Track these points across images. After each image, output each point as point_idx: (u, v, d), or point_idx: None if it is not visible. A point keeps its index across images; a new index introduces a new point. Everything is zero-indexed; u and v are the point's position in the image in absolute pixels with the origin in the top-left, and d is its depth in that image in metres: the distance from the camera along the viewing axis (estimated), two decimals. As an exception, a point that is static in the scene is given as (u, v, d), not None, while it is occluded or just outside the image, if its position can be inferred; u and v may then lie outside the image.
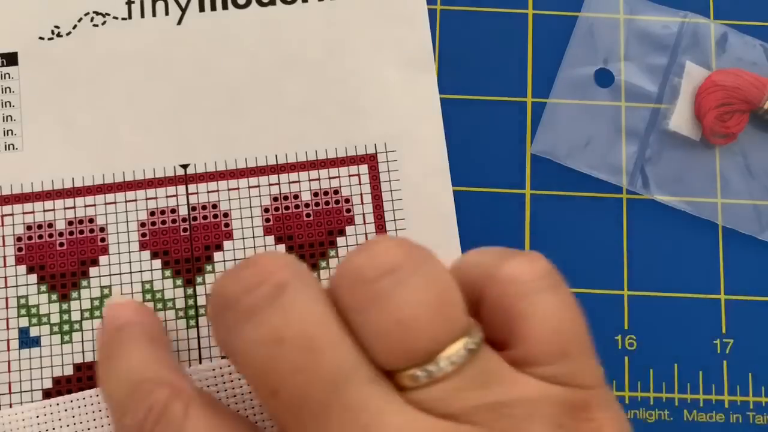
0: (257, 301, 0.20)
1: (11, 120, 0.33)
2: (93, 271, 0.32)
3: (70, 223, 0.32)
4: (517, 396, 0.20)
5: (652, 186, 0.33)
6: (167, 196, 0.33)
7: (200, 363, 0.31)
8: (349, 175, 0.33)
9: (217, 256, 0.32)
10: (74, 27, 0.34)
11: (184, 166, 0.33)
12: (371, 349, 0.20)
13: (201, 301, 0.32)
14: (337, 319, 0.20)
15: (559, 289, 0.23)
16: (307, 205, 0.33)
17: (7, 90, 0.33)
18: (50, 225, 0.32)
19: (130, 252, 0.32)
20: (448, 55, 0.34)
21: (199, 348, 0.31)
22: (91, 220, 0.32)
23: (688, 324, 0.32)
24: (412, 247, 0.21)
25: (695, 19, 0.35)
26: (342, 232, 0.32)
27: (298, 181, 0.33)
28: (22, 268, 0.32)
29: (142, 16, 0.34)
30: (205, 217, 0.32)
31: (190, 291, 0.32)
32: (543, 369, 0.21)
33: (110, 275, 0.32)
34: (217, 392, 0.30)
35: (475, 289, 0.22)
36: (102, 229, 0.32)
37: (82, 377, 0.31)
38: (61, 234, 0.32)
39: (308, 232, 0.32)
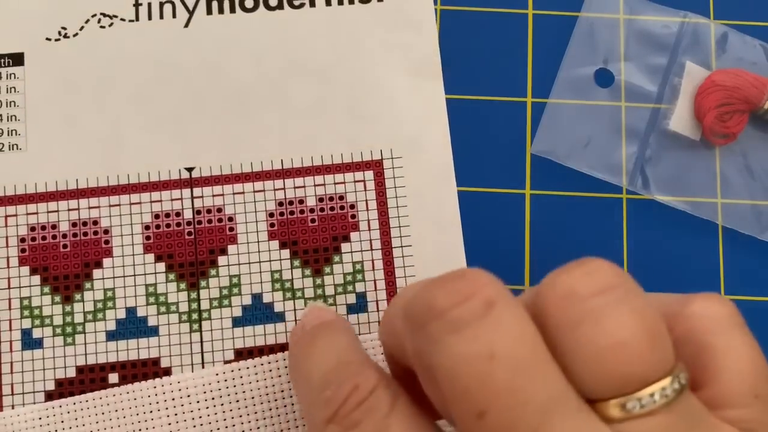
0: (468, 314, 0.18)
1: (16, 120, 0.32)
2: (96, 273, 0.31)
3: (74, 224, 0.31)
4: None
5: (652, 186, 0.32)
6: (172, 199, 0.32)
7: (203, 367, 0.30)
8: (355, 181, 0.32)
9: (222, 260, 0.31)
10: (81, 28, 0.33)
11: (190, 170, 0.32)
12: (579, 371, 0.18)
13: (204, 305, 0.31)
14: (543, 342, 0.19)
15: (747, 329, 0.21)
16: (312, 211, 0.32)
17: (13, 90, 0.33)
18: (54, 226, 0.31)
19: (134, 255, 0.31)
20: (448, 55, 0.34)
21: (202, 352, 0.31)
22: (95, 222, 0.31)
23: None
24: (625, 274, 0.19)
25: (695, 19, 0.34)
26: (347, 238, 0.32)
27: (304, 186, 0.32)
28: (26, 270, 0.31)
29: (150, 18, 0.33)
30: (209, 221, 0.32)
31: (193, 295, 0.31)
32: (736, 412, 0.20)
33: (114, 278, 0.31)
34: (220, 397, 0.29)
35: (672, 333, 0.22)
36: (106, 231, 0.31)
37: (85, 379, 0.30)
38: (64, 235, 0.31)
39: (313, 238, 0.32)
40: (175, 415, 0.29)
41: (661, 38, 0.34)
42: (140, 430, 0.29)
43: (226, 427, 0.29)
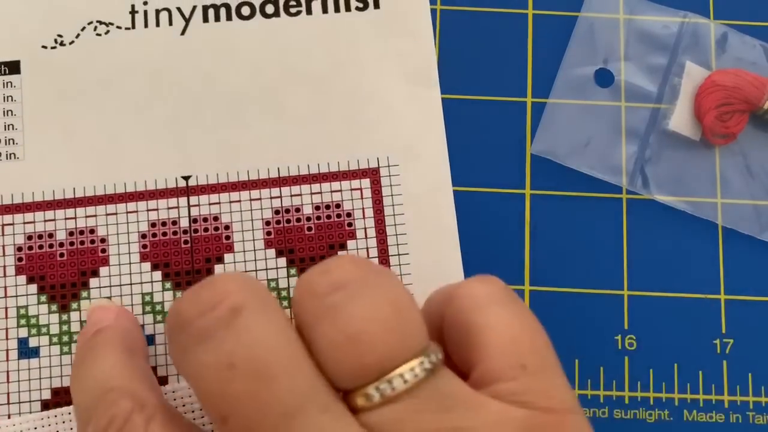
0: (210, 324, 0.19)
1: (13, 129, 0.32)
2: (93, 282, 0.31)
3: (71, 233, 0.31)
4: (477, 421, 0.19)
5: (652, 186, 0.32)
6: (168, 208, 0.31)
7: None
8: (351, 189, 0.32)
9: (218, 268, 0.31)
10: (77, 36, 0.33)
11: (186, 178, 0.32)
12: (325, 366, 0.19)
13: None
14: (295, 342, 0.19)
15: (514, 303, 0.22)
16: (308, 219, 0.31)
17: (9, 99, 0.32)
18: (51, 235, 0.31)
19: (130, 263, 0.31)
20: (448, 56, 0.33)
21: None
22: (91, 231, 0.31)
23: (688, 324, 0.31)
24: (369, 264, 0.20)
25: (695, 19, 0.33)
26: (343, 246, 0.31)
27: (300, 194, 0.32)
28: (22, 279, 0.31)
29: (146, 26, 0.33)
30: (206, 230, 0.31)
31: None
32: (503, 385, 0.20)
33: (110, 286, 0.31)
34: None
35: (438, 316, 0.22)
36: (103, 240, 0.31)
37: None
38: (61, 244, 0.31)
39: (309, 246, 0.31)
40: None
41: (661, 38, 0.33)
42: None
43: None
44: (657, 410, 0.31)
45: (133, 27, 0.33)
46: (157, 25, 0.33)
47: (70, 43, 0.33)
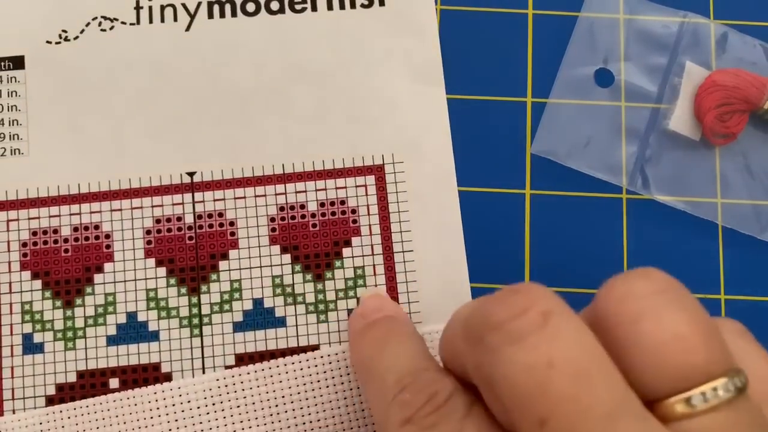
0: (526, 325, 0.18)
1: (17, 124, 0.32)
2: (98, 277, 0.30)
3: (76, 229, 0.31)
4: None
5: (652, 186, 0.32)
6: (173, 204, 0.31)
7: (204, 373, 0.30)
8: (356, 186, 0.32)
9: (223, 265, 0.31)
10: (82, 31, 0.32)
11: (191, 174, 0.31)
12: (639, 368, 0.18)
13: (205, 310, 0.30)
14: (603, 351, 0.18)
15: (755, 340, 0.22)
16: (313, 215, 0.31)
17: (14, 94, 0.32)
18: (55, 231, 0.31)
19: (135, 259, 0.31)
20: (448, 55, 0.33)
21: (203, 357, 0.30)
22: (96, 227, 0.31)
23: None
24: (675, 280, 0.20)
25: (695, 19, 0.33)
26: (348, 243, 0.31)
27: (305, 191, 0.31)
28: (27, 274, 0.30)
29: (151, 21, 0.33)
30: (210, 226, 0.31)
31: (194, 300, 0.30)
32: None
33: (115, 282, 0.30)
34: (221, 402, 0.29)
35: None
36: (107, 236, 0.31)
37: (86, 384, 0.30)
38: (66, 240, 0.31)
39: (314, 243, 0.31)
40: (176, 420, 0.29)
41: (661, 38, 0.33)
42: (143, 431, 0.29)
43: None
44: None
45: (138, 23, 0.33)
46: (162, 20, 0.33)
47: (75, 39, 0.33)
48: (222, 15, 0.33)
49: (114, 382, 0.30)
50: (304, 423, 0.29)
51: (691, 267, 0.32)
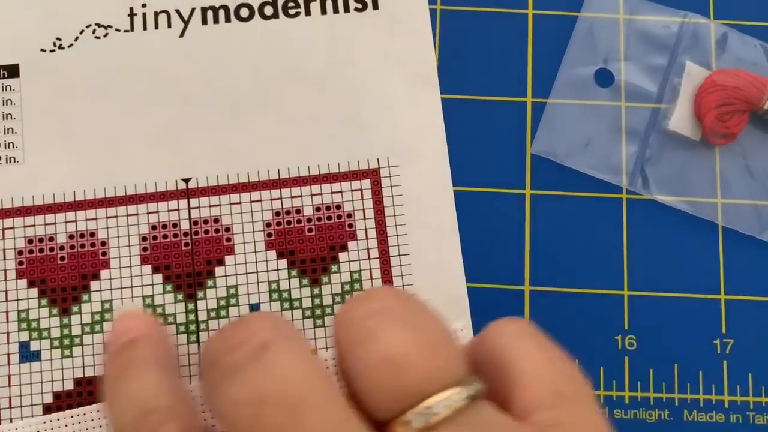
0: (239, 359, 0.19)
1: (12, 132, 0.31)
2: (94, 285, 0.30)
3: (71, 236, 0.31)
4: None
5: (652, 186, 0.32)
6: (169, 210, 0.31)
7: (201, 379, 0.31)
8: (352, 190, 0.31)
9: (219, 270, 0.30)
10: (76, 39, 0.32)
11: (186, 180, 0.31)
12: (362, 392, 0.18)
13: (202, 316, 0.30)
14: (324, 375, 0.19)
15: (543, 338, 0.21)
16: (309, 220, 0.31)
17: (9, 102, 0.31)
18: (51, 238, 0.30)
19: (131, 266, 0.30)
20: (448, 55, 0.33)
21: (200, 363, 0.31)
22: (92, 234, 0.31)
23: (688, 324, 0.31)
24: (410, 296, 0.20)
25: (695, 19, 0.33)
26: (344, 247, 0.31)
27: (300, 196, 0.31)
28: (23, 282, 0.30)
29: (145, 28, 0.32)
30: (206, 232, 0.31)
31: (191, 306, 0.30)
32: (543, 414, 0.19)
33: (111, 289, 0.30)
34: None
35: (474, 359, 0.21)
36: (103, 243, 0.31)
37: (83, 392, 0.29)
38: (62, 248, 0.30)
39: (310, 247, 0.31)
40: None
41: (661, 38, 0.33)
42: None
43: None
44: (657, 410, 0.30)
45: (132, 29, 0.32)
46: (156, 27, 0.33)
47: (69, 46, 0.32)
48: (216, 21, 0.33)
49: None
50: None
51: (691, 267, 0.31)
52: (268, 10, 0.33)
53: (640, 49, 0.33)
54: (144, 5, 0.33)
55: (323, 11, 0.33)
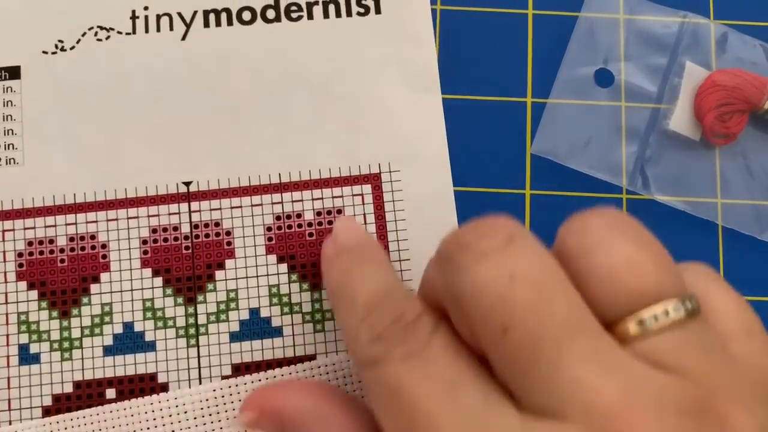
0: (491, 245, 0.20)
1: (13, 134, 0.31)
2: (94, 288, 0.30)
3: (72, 239, 0.30)
4: (738, 372, 0.19)
5: (652, 186, 0.31)
6: (169, 214, 0.30)
7: (200, 383, 0.29)
8: (353, 195, 0.31)
9: (219, 274, 0.30)
10: (78, 41, 0.32)
11: (187, 184, 0.31)
12: (596, 294, 0.19)
13: (201, 320, 0.30)
14: (563, 273, 0.20)
15: (725, 282, 0.23)
16: (310, 225, 0.31)
17: (9, 104, 0.31)
18: (51, 241, 0.30)
19: (131, 269, 0.30)
20: (448, 56, 0.32)
21: (199, 367, 0.29)
22: (92, 237, 0.30)
23: None
24: (629, 216, 0.21)
25: (695, 19, 0.33)
26: None
27: (302, 200, 0.31)
28: (23, 284, 0.30)
29: (147, 31, 0.32)
30: (207, 235, 0.30)
31: (191, 310, 0.30)
32: (736, 345, 0.20)
33: (111, 292, 0.30)
34: (218, 413, 0.28)
35: None
36: (104, 246, 0.30)
37: (82, 395, 0.29)
38: (62, 250, 0.30)
39: (311, 252, 0.30)
40: (173, 431, 0.28)
41: (661, 38, 0.33)
42: None
43: None
44: None
45: (134, 32, 0.32)
46: (158, 30, 0.32)
47: (71, 49, 0.32)
48: (218, 24, 0.32)
49: (110, 393, 0.29)
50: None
51: (692, 267, 0.32)
52: (271, 14, 0.32)
53: (640, 49, 0.33)
54: (146, 8, 0.32)
55: (326, 15, 0.32)
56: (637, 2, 0.33)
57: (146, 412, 0.28)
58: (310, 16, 0.33)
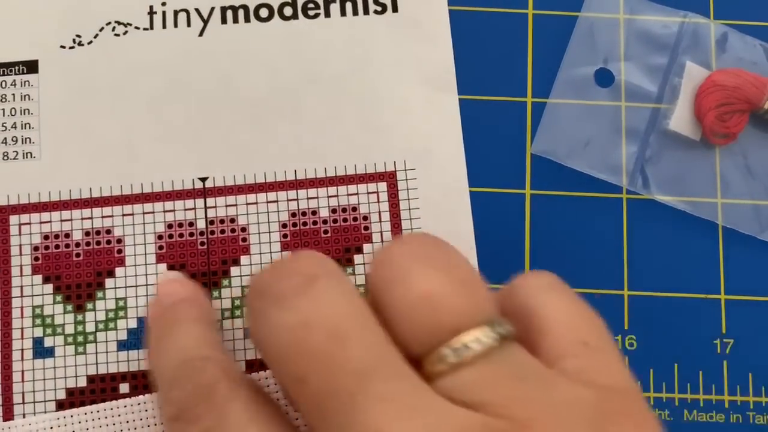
0: (288, 289, 0.19)
1: (30, 128, 0.31)
2: (109, 282, 0.29)
3: (87, 233, 0.30)
4: (552, 397, 0.18)
5: (652, 186, 0.31)
6: (185, 209, 0.30)
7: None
8: (368, 193, 0.31)
9: (234, 270, 0.30)
10: (95, 36, 0.31)
11: (203, 179, 0.31)
12: (397, 329, 0.19)
13: (217, 315, 0.29)
14: (366, 310, 0.19)
15: (569, 290, 0.22)
16: (325, 222, 0.30)
17: (27, 98, 0.31)
18: (67, 235, 0.30)
19: (146, 264, 0.30)
20: (448, 56, 0.31)
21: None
22: (108, 231, 0.30)
23: (688, 324, 0.30)
24: (440, 240, 0.21)
25: (695, 19, 0.32)
26: (359, 250, 0.30)
27: (317, 197, 0.30)
28: (38, 278, 0.29)
29: (164, 26, 0.31)
30: (222, 231, 0.30)
31: None
32: (568, 362, 0.19)
33: (126, 287, 0.29)
34: None
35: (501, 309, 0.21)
36: (119, 241, 0.30)
37: (96, 389, 0.29)
38: (78, 244, 0.30)
39: (326, 249, 0.30)
40: None
41: (661, 38, 0.32)
42: None
43: None
44: (657, 410, 0.29)
45: (152, 28, 0.32)
46: (176, 25, 0.32)
47: (89, 43, 0.31)
48: (235, 20, 0.32)
49: (124, 387, 0.29)
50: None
51: (691, 267, 0.31)
52: (288, 11, 0.32)
53: (640, 49, 0.33)
54: (164, 3, 0.32)
55: (343, 13, 0.32)
56: (637, 2, 0.33)
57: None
58: (327, 14, 0.32)
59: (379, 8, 0.32)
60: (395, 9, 0.32)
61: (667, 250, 0.31)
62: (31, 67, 0.31)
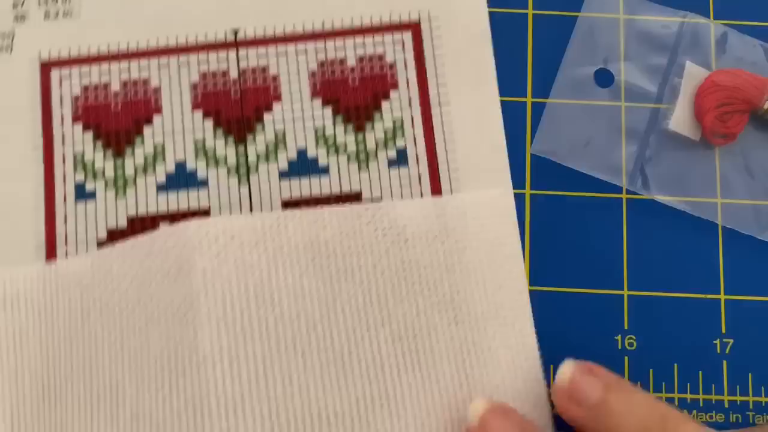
0: None
1: None
2: (147, 129, 0.31)
3: (125, 84, 0.31)
4: None
5: (652, 186, 0.31)
6: (218, 60, 0.32)
7: (251, 212, 0.30)
8: (394, 42, 0.32)
9: (267, 117, 0.31)
10: None
11: (235, 31, 0.32)
12: None
13: (252, 159, 0.31)
14: None
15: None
16: (352, 70, 0.32)
17: None
18: (106, 86, 0.31)
19: (183, 112, 0.31)
20: (449, 56, 0.32)
21: (251, 203, 0.30)
22: (145, 82, 0.31)
23: (688, 324, 0.30)
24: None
25: (695, 19, 0.33)
26: (387, 96, 0.31)
27: (344, 47, 0.32)
28: (79, 127, 0.31)
29: None
30: (254, 80, 0.31)
31: (241, 149, 0.31)
32: None
33: (163, 133, 0.31)
34: (264, 242, 0.29)
35: None
36: (156, 90, 0.31)
37: (137, 229, 0.30)
38: (116, 95, 0.31)
39: (354, 96, 0.31)
40: (218, 255, 0.28)
41: (661, 38, 0.33)
42: (186, 263, 0.28)
43: (269, 272, 0.28)
44: None
45: None
46: None
47: None
48: None
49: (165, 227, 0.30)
50: (345, 270, 0.29)
51: (691, 267, 0.31)
52: None
53: (639, 49, 0.33)
54: None
55: None
56: (637, 2, 0.33)
57: (196, 235, 0.29)
58: None
59: None
60: None
61: (667, 250, 0.31)
62: None
